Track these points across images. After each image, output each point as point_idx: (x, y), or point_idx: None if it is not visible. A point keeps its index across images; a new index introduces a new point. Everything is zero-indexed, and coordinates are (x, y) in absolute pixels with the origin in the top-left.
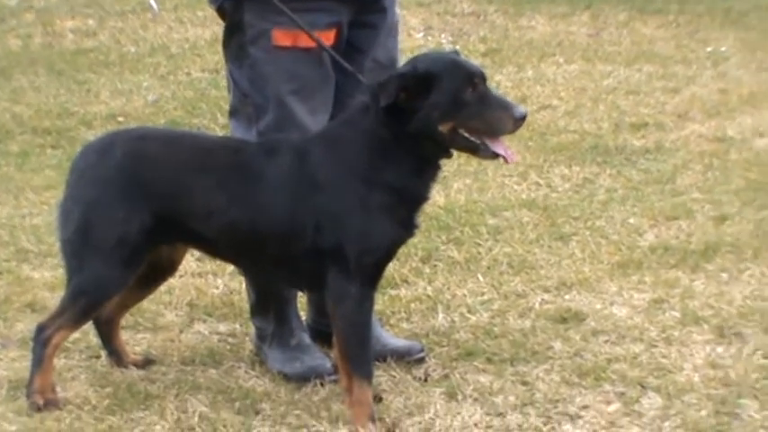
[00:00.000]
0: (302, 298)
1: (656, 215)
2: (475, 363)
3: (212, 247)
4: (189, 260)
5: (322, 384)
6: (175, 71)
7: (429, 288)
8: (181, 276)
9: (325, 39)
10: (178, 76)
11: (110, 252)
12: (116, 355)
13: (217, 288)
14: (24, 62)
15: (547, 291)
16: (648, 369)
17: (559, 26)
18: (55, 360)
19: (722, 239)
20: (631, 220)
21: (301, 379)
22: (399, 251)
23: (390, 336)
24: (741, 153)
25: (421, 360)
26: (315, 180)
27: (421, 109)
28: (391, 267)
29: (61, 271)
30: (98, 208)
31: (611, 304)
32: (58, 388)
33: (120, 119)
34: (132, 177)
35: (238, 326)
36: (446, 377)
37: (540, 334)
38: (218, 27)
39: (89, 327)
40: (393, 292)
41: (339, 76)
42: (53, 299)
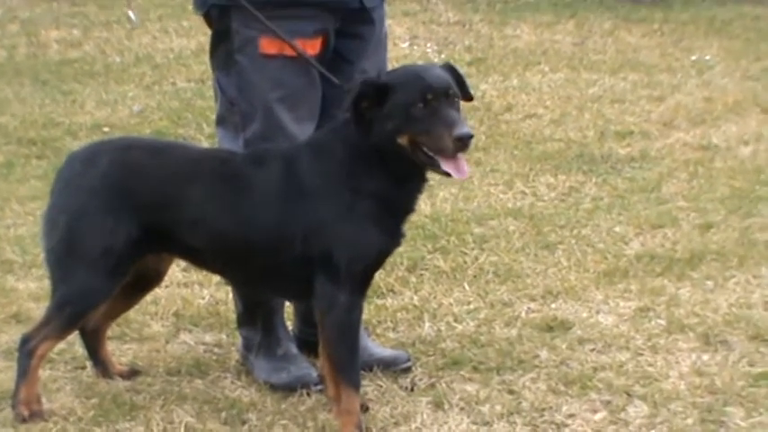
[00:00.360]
0: (289, 308)
1: (642, 223)
2: (461, 372)
3: (199, 258)
4: (175, 270)
5: (308, 394)
6: (161, 81)
7: (415, 297)
8: (167, 286)
9: (310, 47)
10: (163, 86)
11: (95, 262)
12: (102, 366)
13: (203, 298)
14: (9, 73)
15: (533, 299)
16: (634, 377)
17: (544, 35)
18: (40, 371)
19: (707, 247)
20: (617, 229)
21: (288, 389)
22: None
23: (377, 345)
24: (726, 161)
25: (407, 369)
26: (302, 189)
27: (377, 120)
28: (377, 276)
29: (46, 282)
30: (84, 218)
31: (597, 313)
32: (44, 399)
33: (105, 129)
34: (118, 187)
35: (224, 336)
36: (432, 386)
37: (527, 342)
38: (203, 37)
39: (74, 337)
40: (379, 302)
41: (326, 86)
42: (38, 309)
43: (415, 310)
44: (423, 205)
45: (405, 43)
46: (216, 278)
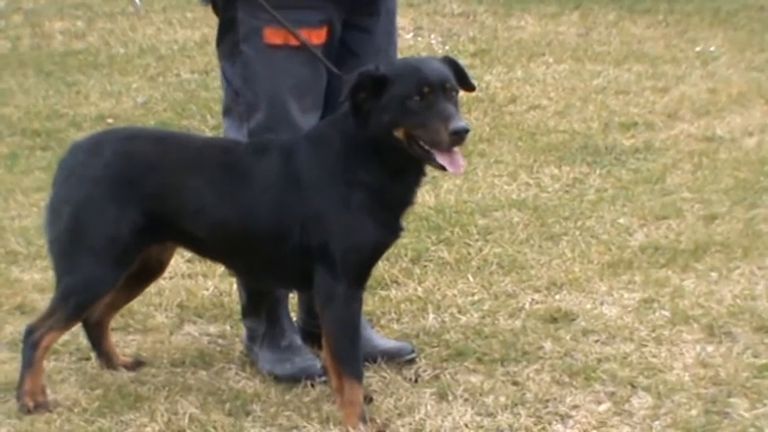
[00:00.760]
0: (293, 299)
1: (646, 215)
2: (465, 363)
3: (202, 247)
4: (179, 262)
5: (312, 385)
6: (165, 72)
7: (419, 289)
8: (171, 278)
9: (316, 37)
10: (167, 78)
11: (100, 252)
12: (106, 357)
13: (207, 290)
14: (13, 64)
15: (537, 291)
16: (639, 368)
17: (549, 26)
18: (45, 362)
19: (712, 239)
20: (621, 220)
21: (292, 380)
22: (389, 252)
23: (381, 337)
24: (730, 152)
25: (411, 361)
26: (300, 180)
27: (374, 111)
28: (381, 268)
29: (51, 273)
30: (88, 207)
31: (601, 304)
32: (49, 390)
33: (109, 120)
34: (122, 176)
35: (228, 327)
36: (437, 378)
37: (531, 334)
38: (207, 28)
39: (79, 329)
40: (383, 293)
41: (331, 76)
42: (43, 301)
43: (419, 302)
44: (427, 196)
45: (409, 34)
46: (220, 269)
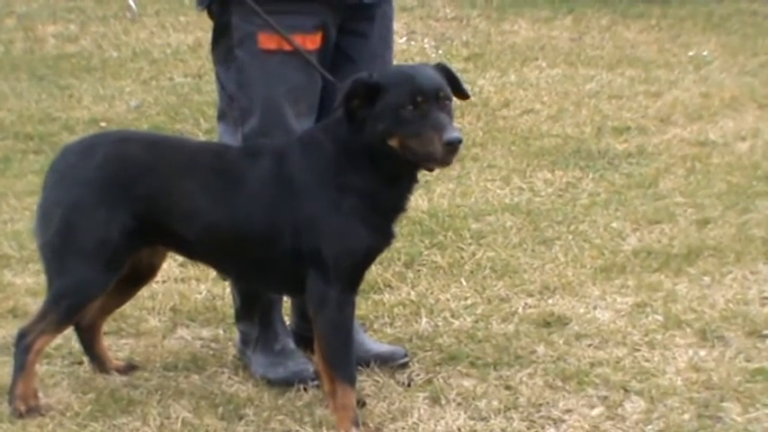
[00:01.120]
0: (287, 303)
1: (639, 219)
2: (458, 367)
3: (193, 250)
4: (172, 265)
5: (305, 389)
6: (158, 76)
7: (412, 293)
8: (164, 282)
9: (310, 42)
10: (161, 82)
11: (91, 254)
12: (98, 362)
13: (200, 293)
14: (6, 67)
15: (530, 295)
16: (631, 373)
17: (542, 30)
18: (37, 366)
19: (705, 243)
20: (614, 224)
21: (285, 384)
22: (382, 256)
23: (373, 341)
24: (723, 157)
25: (404, 365)
26: (291, 184)
27: (367, 119)
28: (374, 272)
29: (43, 277)
30: (79, 210)
31: (594, 308)
32: (41, 394)
33: (102, 124)
34: (114, 179)
35: (221, 331)
36: (429, 382)
37: (524, 338)
38: (200, 32)
39: (71, 332)
40: (376, 297)
41: (326, 82)
42: (35, 304)
43: (412, 306)
44: (420, 201)
45: (402, 39)
46: (213, 273)
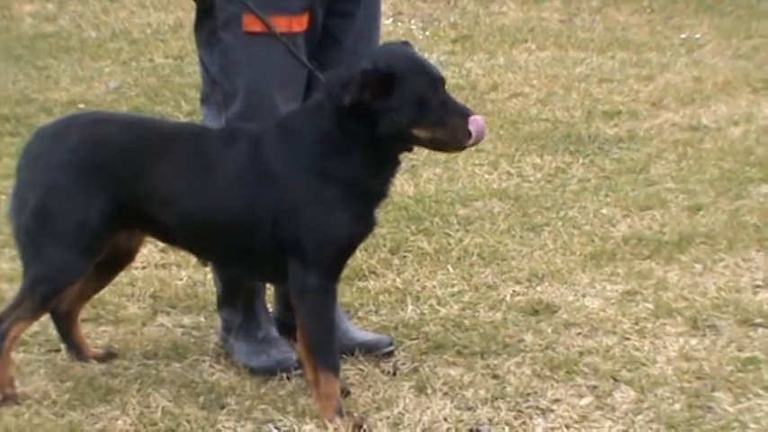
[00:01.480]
0: (270, 290)
1: (630, 205)
2: (445, 356)
3: (173, 237)
4: (152, 251)
5: (288, 378)
6: (138, 57)
7: (398, 280)
8: (144, 267)
9: (297, 24)
10: (141, 63)
11: (67, 239)
12: (76, 349)
13: (181, 280)
14: None
15: (518, 282)
16: (621, 362)
17: (531, 12)
18: (13, 354)
19: (696, 230)
20: (604, 211)
21: (267, 372)
22: (367, 242)
23: (358, 329)
24: (716, 142)
25: (389, 353)
26: (270, 171)
27: (383, 111)
28: (359, 258)
29: (20, 262)
30: (54, 193)
31: (583, 296)
32: (17, 382)
33: (80, 106)
34: (89, 162)
35: (203, 318)
36: (415, 371)
37: (512, 326)
38: (182, 12)
39: (48, 319)
40: (361, 284)
41: (314, 66)
42: (11, 291)
43: (398, 293)
44: (406, 186)
45: (388, 20)
46: (194, 259)
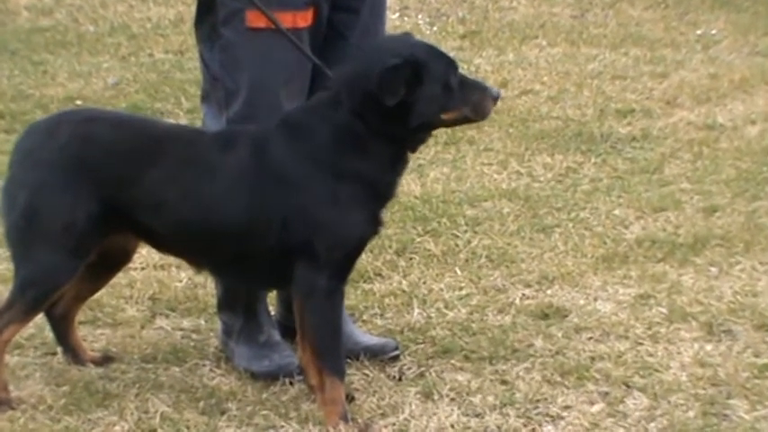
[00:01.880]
0: (272, 293)
1: (643, 206)
2: (452, 361)
3: (164, 243)
4: (151, 251)
5: (291, 383)
6: (137, 52)
7: (404, 282)
8: (143, 269)
9: (302, 19)
10: (140, 58)
11: (56, 240)
12: (73, 353)
13: (180, 281)
14: None
15: (528, 285)
16: (634, 368)
17: (542, 7)
18: (8, 357)
19: (712, 232)
20: (617, 212)
21: (269, 377)
22: (373, 243)
23: (363, 333)
24: (732, 141)
25: (395, 358)
26: (280, 174)
27: (415, 102)
28: (364, 260)
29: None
30: (43, 192)
31: (594, 300)
32: (12, 386)
33: (78, 102)
34: (79, 161)
35: (203, 321)
36: (422, 376)
37: (521, 330)
38: (182, 6)
39: (44, 322)
40: (366, 287)
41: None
42: (6, 292)
43: (404, 296)
44: (413, 185)
45: (395, 14)
46: None
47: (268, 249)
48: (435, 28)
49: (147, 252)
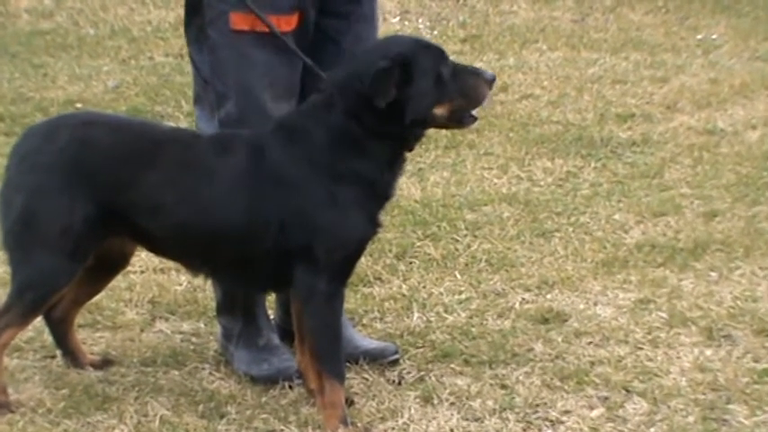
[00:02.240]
0: (271, 297)
1: (643, 211)
2: (452, 365)
3: (161, 248)
4: (150, 255)
5: (291, 387)
6: (137, 55)
7: (404, 286)
8: (142, 272)
9: (285, 23)
10: (140, 61)
11: (53, 243)
12: (72, 356)
13: (180, 285)
14: None
15: (528, 290)
16: (634, 372)
17: (543, 11)
18: (7, 360)
19: (712, 237)
20: (617, 216)
21: (269, 381)
22: (372, 247)
23: (363, 337)
24: (732, 146)
25: (395, 362)
26: (278, 177)
27: (407, 99)
28: (364, 264)
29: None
30: (40, 196)
31: (594, 304)
32: (11, 390)
33: (78, 105)
34: (76, 165)
35: (202, 324)
36: (421, 380)
37: (521, 335)
38: (182, 9)
39: (44, 325)
40: (366, 291)
41: (306, 64)
42: (5, 295)
43: (404, 300)
44: (413, 189)
45: (395, 18)
46: None
47: (266, 252)
48: (436, 32)
49: (147, 255)
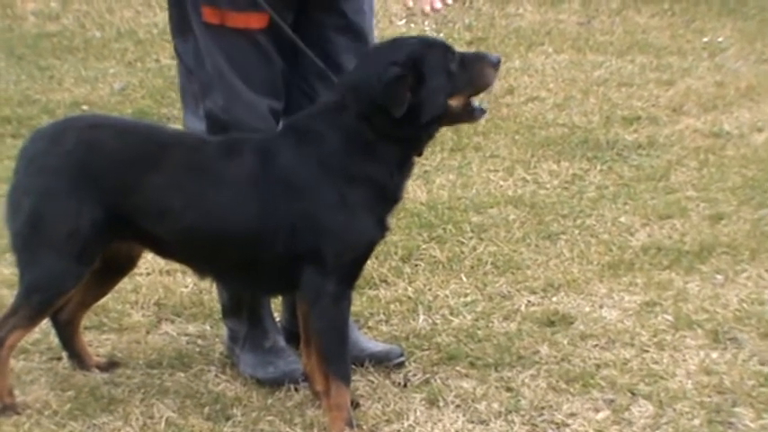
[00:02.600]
0: (277, 299)
1: (649, 214)
2: (457, 367)
3: (168, 251)
4: (156, 257)
5: (296, 389)
6: (143, 58)
7: (409, 289)
8: (148, 274)
9: (255, 21)
10: (146, 63)
11: (61, 246)
12: (78, 358)
13: (186, 287)
14: None
15: (533, 292)
16: (639, 375)
17: (548, 14)
18: (13, 362)
19: (718, 239)
20: (622, 219)
21: (275, 384)
22: (378, 250)
23: (368, 339)
24: (738, 149)
25: (400, 365)
26: (288, 181)
27: (422, 99)
28: (370, 267)
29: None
30: (47, 199)
31: (600, 307)
32: (17, 391)
33: (84, 107)
34: (84, 167)
35: (208, 327)
36: (427, 382)
37: (526, 337)
38: None
39: (50, 327)
40: (372, 293)
41: (290, 62)
42: (12, 297)
43: (410, 303)
44: (419, 192)
45: (401, 21)
46: None
47: (275, 256)
48: (442, 35)
49: (153, 257)
